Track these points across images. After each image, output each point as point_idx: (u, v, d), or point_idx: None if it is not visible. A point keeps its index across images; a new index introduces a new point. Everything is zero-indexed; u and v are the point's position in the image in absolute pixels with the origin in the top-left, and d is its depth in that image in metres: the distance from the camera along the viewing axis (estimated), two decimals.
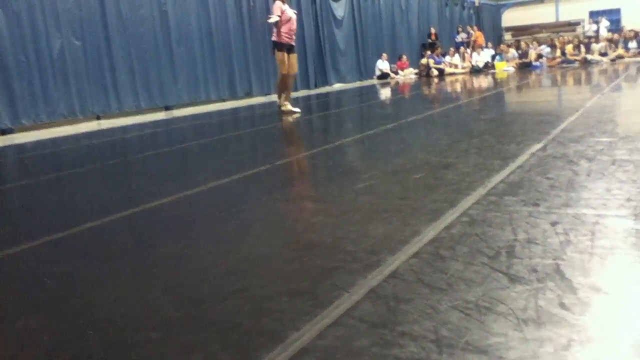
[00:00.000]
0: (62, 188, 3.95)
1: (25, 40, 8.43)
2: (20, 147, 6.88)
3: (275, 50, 8.07)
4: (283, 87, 8.22)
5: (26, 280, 2.06)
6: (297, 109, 8.15)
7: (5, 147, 7.06)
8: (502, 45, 19.55)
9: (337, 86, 15.08)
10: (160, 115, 9.93)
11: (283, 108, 8.11)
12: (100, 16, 9.51)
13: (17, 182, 4.69)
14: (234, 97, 12.22)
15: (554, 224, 2.12)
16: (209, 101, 11.58)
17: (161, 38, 10.54)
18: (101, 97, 9.54)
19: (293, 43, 8.09)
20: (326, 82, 15.04)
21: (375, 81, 16.21)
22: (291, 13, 7.98)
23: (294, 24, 7.98)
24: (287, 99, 8.20)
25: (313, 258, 1.97)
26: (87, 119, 9.36)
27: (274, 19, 7.82)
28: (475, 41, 19.33)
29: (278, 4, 7.92)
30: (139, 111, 10.12)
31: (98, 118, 9.56)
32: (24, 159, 6.08)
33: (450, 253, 1.90)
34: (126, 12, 9.90)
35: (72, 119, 9.08)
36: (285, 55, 7.97)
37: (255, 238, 2.32)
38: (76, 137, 7.46)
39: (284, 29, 7.88)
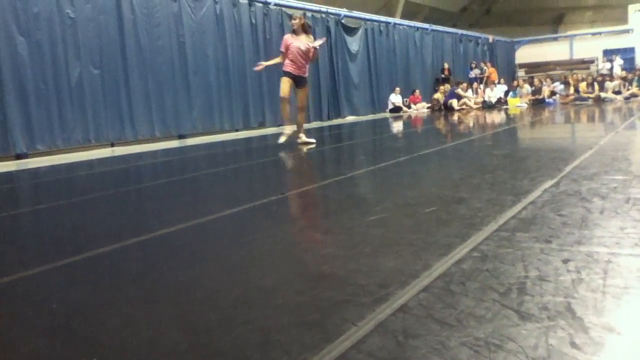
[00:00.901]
0: (75, 213, 3.98)
1: (45, 68, 8.60)
2: (34, 172, 6.96)
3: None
4: (282, 111, 8.20)
5: (36, 304, 2.06)
6: (312, 140, 8.15)
7: (19, 171, 7.14)
8: (515, 81, 19.63)
9: (350, 119, 15.18)
10: (174, 144, 10.03)
11: (298, 140, 8.10)
12: (120, 46, 9.71)
13: (30, 206, 4.73)
14: (248, 127, 12.33)
15: (566, 261, 2.09)
16: (222, 131, 11.69)
17: (178, 68, 10.71)
18: (117, 125, 9.67)
19: (299, 74, 7.90)
20: (339, 115, 15.14)
21: (388, 114, 16.29)
22: (300, 44, 7.80)
23: (300, 56, 7.80)
24: (301, 130, 8.20)
25: (323, 290, 1.96)
26: (101, 145, 9.47)
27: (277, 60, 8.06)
28: (488, 77, 19.44)
29: (285, 37, 8.01)
30: (153, 139, 10.23)
31: (112, 145, 9.67)
32: (38, 184, 6.14)
33: (460, 288, 1.89)
34: (145, 42, 10.09)
35: (87, 145, 9.19)
36: (286, 80, 7.83)
37: (265, 268, 2.31)
38: (90, 164, 7.54)
39: (288, 58, 7.87)
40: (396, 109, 16.68)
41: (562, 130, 8.91)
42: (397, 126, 11.87)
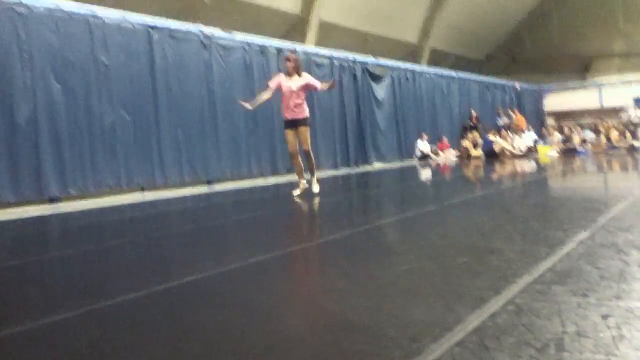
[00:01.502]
0: (104, 258, 4.01)
1: (79, 114, 8.83)
2: (66, 216, 7.07)
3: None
4: (295, 167, 7.82)
5: (64, 349, 2.05)
6: (317, 190, 7.58)
7: (51, 215, 7.26)
8: (545, 129, 19.50)
9: (378, 165, 15.19)
10: (203, 189, 10.12)
11: (312, 189, 7.60)
12: (151, 92, 9.95)
13: (61, 250, 4.78)
14: (275, 173, 12.41)
15: (605, 316, 2.01)
16: (250, 176, 11.78)
17: (207, 115, 10.91)
18: (147, 170, 9.82)
19: (294, 117, 7.37)
20: (366, 161, 15.17)
21: (415, 161, 16.27)
22: (292, 84, 7.29)
23: (294, 97, 7.28)
24: (301, 178, 7.68)
25: (352, 343, 1.91)
26: (131, 189, 9.60)
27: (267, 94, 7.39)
28: (516, 125, 19.37)
29: (278, 76, 7.51)
30: (182, 184, 10.35)
31: (142, 189, 9.80)
32: (69, 228, 6.23)
33: (495, 343, 1.82)
34: (175, 89, 10.34)
35: (117, 189, 9.33)
36: (289, 133, 7.48)
37: (292, 318, 2.27)
38: (120, 208, 7.64)
39: (283, 103, 7.43)
40: (424, 156, 16.66)
41: (595, 180, 8.76)
42: (425, 174, 11.82)
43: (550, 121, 24.67)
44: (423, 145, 16.91)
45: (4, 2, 7.95)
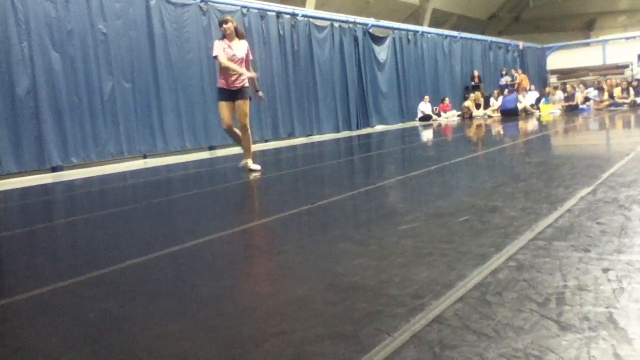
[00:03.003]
0: (107, 225, 4.04)
1: (78, 82, 8.80)
2: (69, 185, 7.10)
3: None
4: (236, 141, 6.92)
5: (70, 315, 2.08)
6: (257, 167, 6.68)
7: (55, 184, 7.29)
8: (548, 88, 19.33)
9: (379, 128, 15.14)
10: (204, 155, 10.12)
11: (240, 165, 6.82)
12: (150, 60, 9.87)
13: (64, 218, 4.81)
14: (277, 137, 12.39)
15: (606, 270, 2.03)
16: (252, 142, 11.74)
17: (207, 81, 10.83)
18: (148, 138, 9.82)
19: (234, 86, 6.43)
20: (368, 124, 15.12)
21: (417, 123, 16.20)
22: (236, 51, 6.42)
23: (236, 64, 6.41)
24: (248, 155, 6.75)
25: (356, 301, 1.94)
26: (134, 157, 9.61)
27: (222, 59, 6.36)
28: (519, 84, 19.20)
29: (216, 42, 6.52)
30: (184, 151, 10.35)
31: (144, 157, 9.81)
32: (72, 197, 6.26)
33: (497, 299, 1.84)
34: (175, 57, 10.25)
35: (119, 158, 9.35)
36: (223, 105, 6.48)
37: (296, 280, 2.30)
38: (123, 176, 7.66)
39: (220, 73, 6.51)
40: (426, 118, 16.58)
41: (597, 137, 8.72)
42: (427, 135, 11.79)
43: (553, 80, 24.44)
44: (425, 107, 16.81)
45: None
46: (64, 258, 3.17)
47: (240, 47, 6.47)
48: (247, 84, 6.54)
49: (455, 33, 19.74)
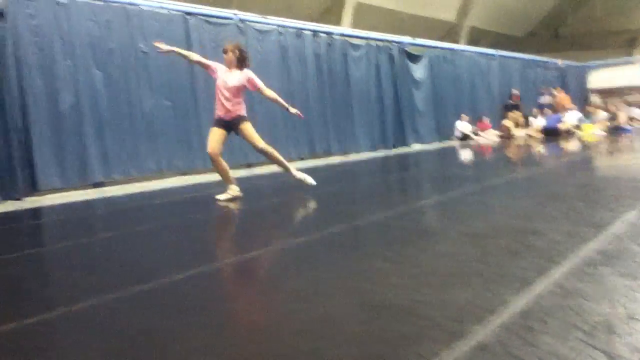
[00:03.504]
0: (146, 241, 4.08)
1: (119, 100, 9.01)
2: (110, 200, 7.24)
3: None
4: (219, 172, 6.41)
5: (108, 331, 2.10)
6: (308, 178, 6.42)
7: (96, 199, 7.44)
8: (589, 107, 18.93)
9: (416, 146, 15.04)
10: (242, 172, 10.21)
11: (295, 177, 6.43)
12: (189, 78, 10.05)
13: (105, 233, 4.90)
14: (314, 155, 12.42)
15: None
16: (289, 159, 11.80)
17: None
18: (187, 154, 9.96)
19: (229, 116, 6.24)
20: (404, 143, 15.03)
21: (454, 142, 16.05)
22: (228, 78, 6.19)
23: (229, 92, 6.19)
24: (288, 168, 6.46)
25: (390, 322, 1.90)
26: (173, 174, 9.75)
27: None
28: (559, 103, 18.85)
29: (218, 65, 6.39)
30: None
31: (183, 173, 9.94)
32: (112, 212, 6.37)
33: (541, 326, 1.78)
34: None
35: (159, 174, 9.50)
36: (215, 131, 6.25)
37: (328, 298, 2.27)
38: (162, 192, 7.77)
39: (216, 96, 6.30)
40: (463, 137, 16.40)
41: None
42: (465, 154, 11.65)
43: (594, 99, 23.92)
44: (463, 126, 16.64)
45: None
46: (104, 273, 3.21)
47: (236, 77, 6.26)
48: (242, 112, 6.34)
49: (492, 51, 19.55)
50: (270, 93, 6.55)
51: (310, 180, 6.39)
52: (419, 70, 15.86)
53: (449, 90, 16.94)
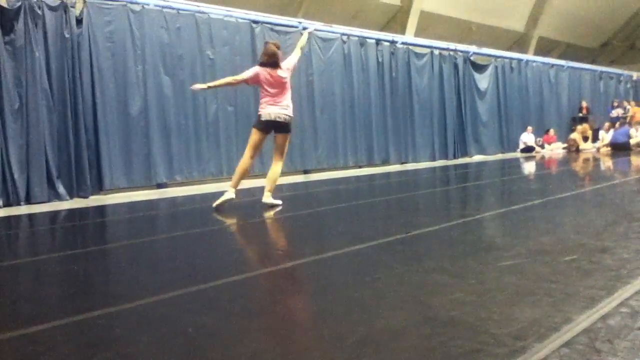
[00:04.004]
0: (207, 242, 4.17)
1: (185, 105, 9.27)
2: (172, 201, 7.44)
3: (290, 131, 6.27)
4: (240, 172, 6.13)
5: (171, 327, 2.15)
6: (278, 202, 6.08)
7: (159, 200, 7.67)
8: None
9: (477, 158, 14.74)
10: (299, 178, 10.29)
11: (266, 200, 5.97)
12: (253, 85, 10.22)
13: (166, 233, 5.04)
14: (371, 164, 12.38)
15: None
16: (346, 167, 11.83)
17: (306, 106, 11.05)
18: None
19: (280, 119, 6.07)
20: (466, 153, 14.77)
21: (518, 154, 15.63)
22: (281, 74, 6.10)
23: (281, 94, 6.11)
24: (271, 189, 6.13)
25: (453, 337, 1.86)
26: (232, 177, 9.92)
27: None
28: (632, 117, 18.07)
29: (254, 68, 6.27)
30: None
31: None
32: (174, 213, 6.55)
33: (607, 347, 1.70)
34: None
35: (219, 177, 9.70)
36: (258, 135, 6.09)
37: (389, 309, 2.25)
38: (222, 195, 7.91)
39: (262, 98, 6.12)
40: (528, 149, 15.94)
41: None
42: (530, 167, 11.32)
43: None
44: (528, 138, 16.18)
45: (120, 1, 8.46)
46: (166, 271, 3.30)
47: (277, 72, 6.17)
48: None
49: (562, 62, 18.96)
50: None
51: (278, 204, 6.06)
52: (483, 80, 15.57)
53: (515, 101, 16.54)
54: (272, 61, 6.09)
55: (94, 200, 7.66)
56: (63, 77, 7.84)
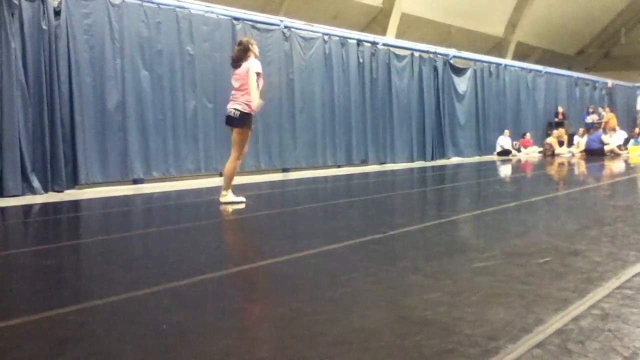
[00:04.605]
0: (181, 239, 4.13)
1: (164, 100, 9.18)
2: (148, 198, 7.36)
3: (245, 127, 6.01)
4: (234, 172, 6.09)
5: (144, 324, 2.13)
6: (240, 199, 6.01)
7: (135, 195, 7.59)
8: (637, 129, 18.41)
9: (455, 160, 14.87)
10: (278, 176, 10.27)
11: (223, 199, 5.97)
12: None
13: (141, 229, 4.98)
14: (350, 163, 12.41)
15: None
16: (325, 166, 11.84)
17: (285, 104, 11.04)
18: (225, 156, 10.04)
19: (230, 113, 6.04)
20: (443, 155, 14.89)
21: (495, 157, 15.80)
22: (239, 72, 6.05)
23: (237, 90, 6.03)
24: (229, 186, 6.08)
25: (426, 337, 1.87)
26: (210, 175, 9.88)
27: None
28: (606, 123, 18.39)
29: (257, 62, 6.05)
30: (258, 171, 10.54)
31: (220, 175, 10.05)
32: (150, 209, 6.48)
33: (579, 348, 1.73)
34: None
35: (197, 174, 9.64)
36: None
37: (364, 309, 2.25)
38: (199, 192, 7.87)
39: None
40: (505, 152, 16.14)
41: None
42: (505, 170, 11.46)
43: None
44: (504, 141, 16.37)
45: None
46: (139, 268, 3.26)
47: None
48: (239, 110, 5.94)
49: (539, 67, 19.22)
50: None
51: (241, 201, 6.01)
52: (462, 84, 15.72)
53: (493, 104, 16.73)
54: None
55: (69, 195, 7.55)
56: (39, 70, 7.71)
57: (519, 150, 16.67)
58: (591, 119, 19.10)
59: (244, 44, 6.18)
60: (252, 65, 5.94)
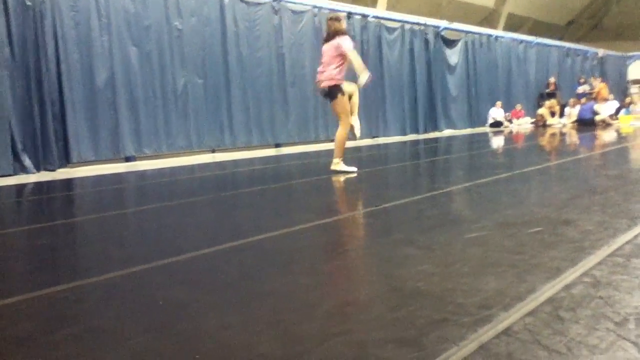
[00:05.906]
0: (176, 215, 4.14)
1: (153, 77, 9.10)
2: (141, 175, 7.35)
3: (340, 95, 6.21)
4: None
5: (140, 300, 2.14)
6: (353, 168, 6.39)
7: (128, 173, 7.56)
8: (628, 98, 18.45)
9: (447, 132, 14.89)
10: (271, 152, 10.25)
11: (338, 167, 6.31)
12: (222, 57, 10.09)
13: (135, 207, 4.98)
14: None
15: None
16: (318, 141, 11.82)
17: (276, 79, 10.97)
18: (217, 132, 10.04)
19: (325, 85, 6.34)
20: (436, 128, 14.91)
21: (487, 129, 15.82)
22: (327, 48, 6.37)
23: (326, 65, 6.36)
24: (340, 155, 6.38)
25: (419, 307, 1.89)
26: (202, 151, 9.85)
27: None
28: (598, 93, 18.41)
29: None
30: (250, 147, 10.52)
31: (213, 151, 10.03)
32: (143, 187, 6.47)
33: (570, 315, 1.75)
34: (245, 54, 10.43)
35: (189, 151, 9.61)
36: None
37: (358, 281, 2.27)
38: (192, 169, 7.85)
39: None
40: (497, 124, 16.16)
41: None
42: (498, 141, 11.48)
43: (634, 89, 23.28)
44: (496, 113, 16.39)
45: None
46: (134, 245, 3.27)
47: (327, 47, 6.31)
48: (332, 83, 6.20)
49: (530, 38, 19.16)
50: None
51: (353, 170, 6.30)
52: (454, 56, 15.66)
53: (484, 76, 16.70)
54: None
55: (61, 174, 7.52)
56: (26, 47, 7.61)
57: (510, 122, 16.70)
58: (582, 89, 19.12)
59: (341, 18, 6.34)
60: (345, 41, 6.05)
